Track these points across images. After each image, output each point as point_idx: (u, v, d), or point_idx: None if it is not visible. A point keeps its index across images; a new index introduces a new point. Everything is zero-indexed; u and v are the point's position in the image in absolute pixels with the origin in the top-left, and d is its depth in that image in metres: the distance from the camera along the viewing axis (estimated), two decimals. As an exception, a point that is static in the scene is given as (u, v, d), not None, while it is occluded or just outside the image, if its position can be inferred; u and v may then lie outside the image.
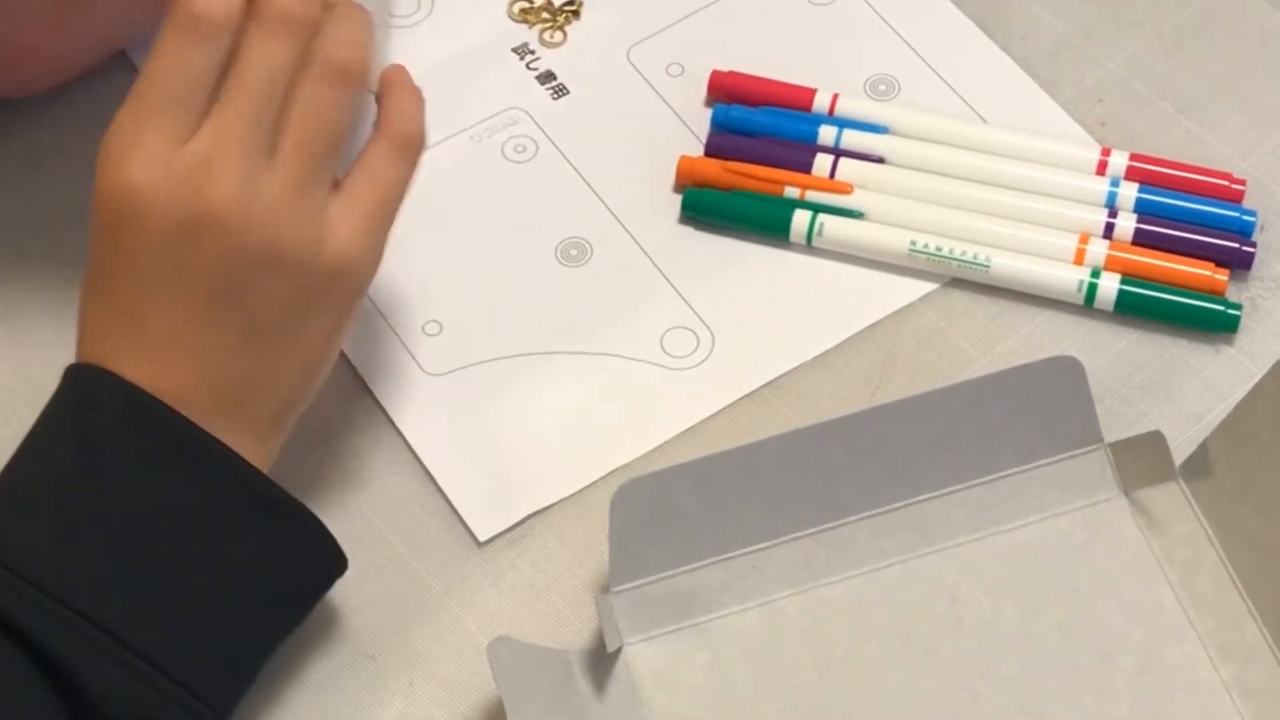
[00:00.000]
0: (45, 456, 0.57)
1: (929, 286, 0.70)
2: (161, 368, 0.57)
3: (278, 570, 0.58)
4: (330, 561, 0.60)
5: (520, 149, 0.74)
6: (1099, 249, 0.69)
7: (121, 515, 0.55)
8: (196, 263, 0.56)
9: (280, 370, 0.59)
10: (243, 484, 0.57)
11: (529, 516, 0.65)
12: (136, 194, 0.56)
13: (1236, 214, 0.70)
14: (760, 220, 0.71)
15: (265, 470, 0.59)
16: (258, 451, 0.59)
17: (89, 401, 0.57)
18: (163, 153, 0.56)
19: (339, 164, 0.59)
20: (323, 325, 0.59)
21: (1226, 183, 0.71)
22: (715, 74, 0.75)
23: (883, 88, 0.75)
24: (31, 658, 0.54)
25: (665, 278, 0.71)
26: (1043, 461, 0.64)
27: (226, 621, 0.57)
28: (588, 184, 0.73)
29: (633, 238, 0.72)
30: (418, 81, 0.63)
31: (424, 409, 0.67)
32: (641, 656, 0.61)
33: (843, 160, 0.72)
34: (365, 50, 0.59)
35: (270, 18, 0.57)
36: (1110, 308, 0.69)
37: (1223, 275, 0.69)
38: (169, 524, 0.56)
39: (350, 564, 0.64)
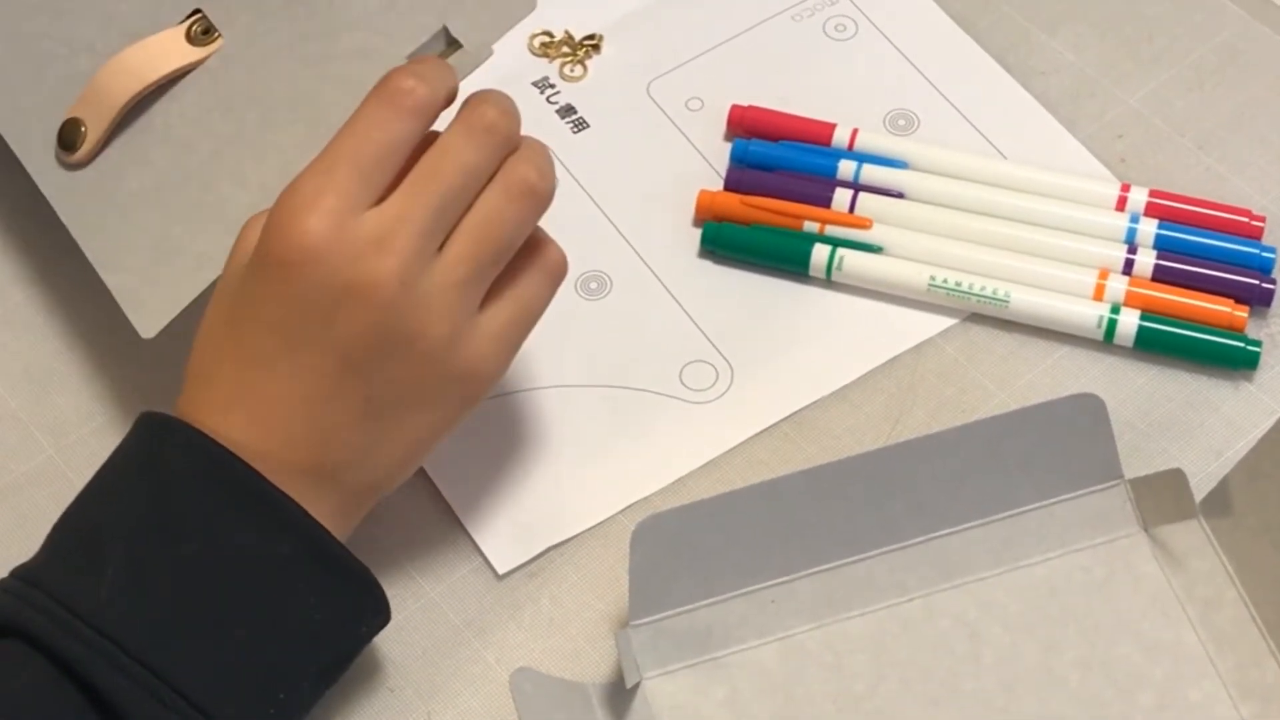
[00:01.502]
0: (116, 504, 0.57)
1: (948, 321, 0.70)
2: (264, 424, 0.57)
3: (338, 631, 0.59)
4: (380, 617, 0.61)
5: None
6: (1119, 285, 0.69)
7: (189, 567, 0.56)
8: (340, 328, 0.57)
9: (380, 452, 0.59)
10: (313, 544, 0.58)
11: (548, 549, 0.65)
12: (309, 245, 0.56)
13: (1256, 250, 0.70)
14: (779, 254, 0.71)
15: (341, 538, 0.59)
16: (337, 525, 0.59)
17: (161, 454, 0.57)
18: (343, 214, 0.56)
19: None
20: (432, 420, 0.60)
21: (1246, 219, 0.71)
22: (735, 108, 0.75)
23: (902, 123, 0.75)
24: (91, 703, 0.54)
25: (685, 311, 0.71)
26: (1063, 497, 0.64)
27: (286, 677, 0.57)
28: (607, 217, 0.73)
29: (652, 271, 0.72)
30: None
31: (443, 442, 0.67)
32: (660, 691, 0.61)
33: (862, 195, 0.72)
34: (553, 180, 0.60)
35: (476, 124, 0.58)
36: (1130, 344, 0.69)
37: (1242, 312, 0.69)
38: (236, 580, 0.56)
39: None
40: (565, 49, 0.78)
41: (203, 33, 0.65)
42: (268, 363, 0.57)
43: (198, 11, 0.66)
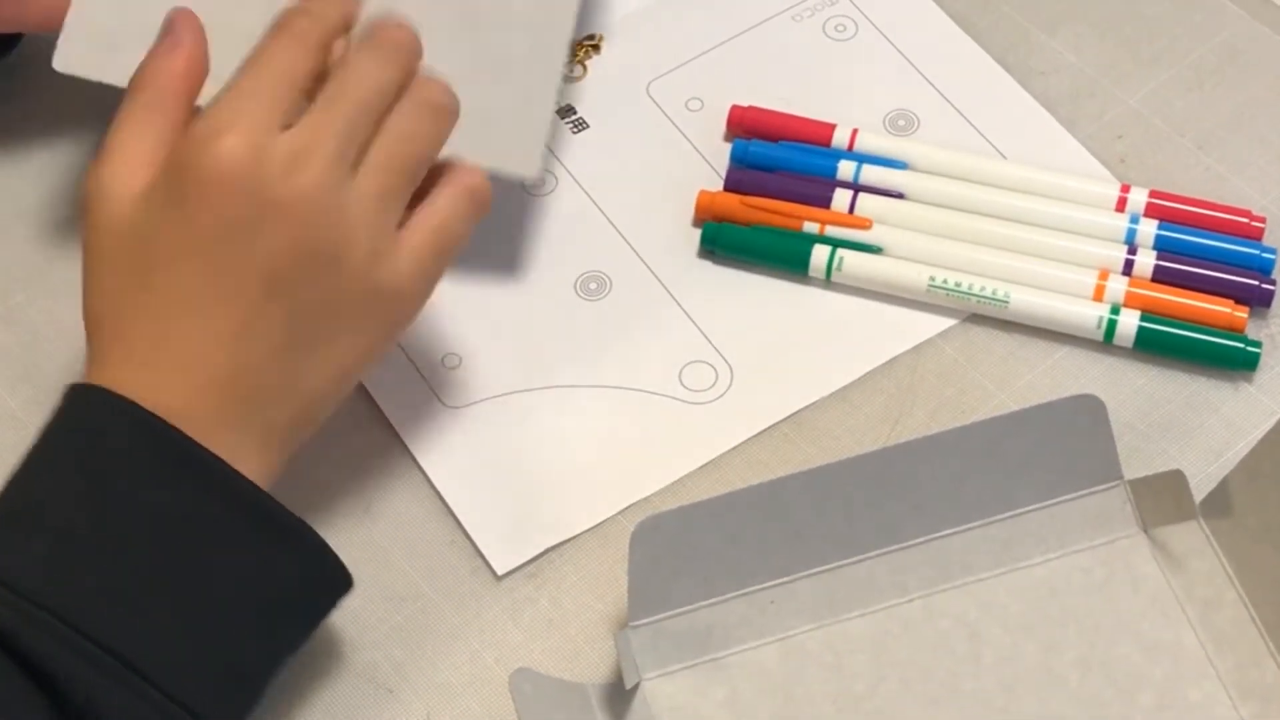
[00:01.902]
0: (46, 477, 0.57)
1: (948, 322, 0.70)
2: (186, 371, 0.57)
3: (279, 587, 0.58)
4: (334, 579, 0.60)
5: (540, 182, 0.74)
6: (1118, 285, 0.69)
7: (121, 534, 0.55)
8: (261, 248, 0.57)
9: (303, 381, 0.59)
10: (243, 502, 0.57)
11: (547, 550, 0.65)
12: (226, 167, 0.56)
13: (1256, 251, 0.70)
14: (779, 255, 0.71)
15: (269, 482, 0.59)
16: (263, 464, 0.59)
17: (91, 424, 0.57)
18: (258, 135, 0.57)
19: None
20: (356, 344, 0.60)
21: (1246, 220, 0.71)
22: (734, 109, 0.75)
23: (902, 123, 0.75)
24: (28, 674, 0.53)
25: (684, 312, 0.71)
26: (1063, 498, 0.64)
27: (227, 638, 0.57)
28: (607, 218, 0.73)
29: (652, 272, 0.72)
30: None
31: (443, 442, 0.67)
32: (660, 691, 0.61)
33: (862, 195, 0.72)
34: (457, 100, 0.61)
35: (383, 41, 0.60)
36: (1130, 344, 0.69)
37: (1242, 312, 0.69)
38: (169, 541, 0.56)
39: (368, 596, 0.64)
40: (565, 49, 0.77)
41: None
42: (186, 300, 0.57)
43: None
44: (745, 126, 0.75)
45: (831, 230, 0.71)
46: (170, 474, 0.56)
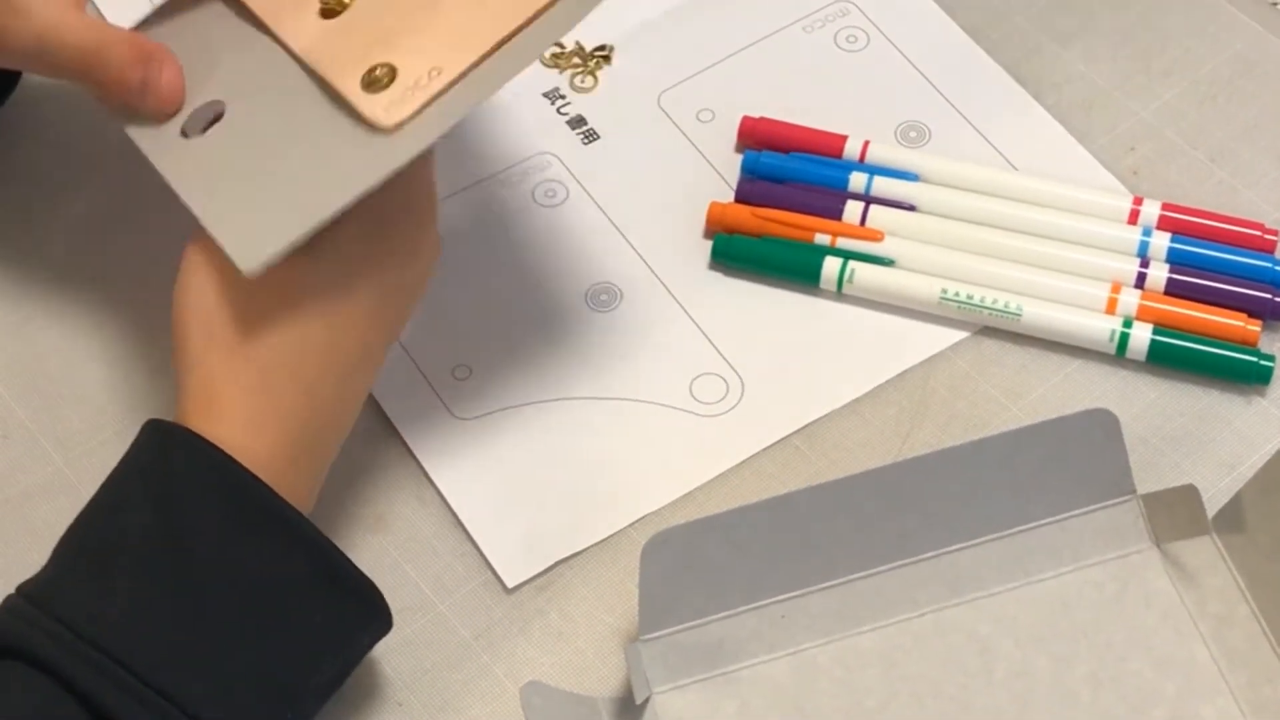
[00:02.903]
0: (122, 519, 0.57)
1: (960, 334, 0.70)
2: (270, 419, 0.58)
3: (342, 643, 0.59)
4: (383, 626, 0.61)
5: (550, 194, 0.74)
6: (1131, 299, 0.69)
7: (198, 589, 0.56)
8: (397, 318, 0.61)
9: (348, 413, 0.61)
10: (320, 560, 0.58)
11: (557, 563, 0.65)
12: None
13: (1269, 264, 0.70)
14: (790, 267, 0.71)
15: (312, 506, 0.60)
16: (314, 492, 0.60)
17: (167, 466, 0.57)
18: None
19: None
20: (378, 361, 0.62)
21: (1259, 233, 0.71)
22: (745, 120, 0.75)
23: (914, 134, 0.75)
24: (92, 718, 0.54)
25: (695, 323, 0.71)
26: (1075, 512, 0.64)
27: (290, 695, 0.57)
28: (618, 229, 0.73)
29: (662, 283, 0.72)
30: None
31: (453, 454, 0.67)
32: (670, 705, 0.61)
33: (873, 207, 0.72)
34: None
35: None
36: (1142, 358, 0.69)
37: (1255, 326, 0.69)
38: (244, 599, 0.56)
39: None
40: (576, 60, 0.77)
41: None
42: (319, 365, 0.59)
43: None
44: (756, 138, 0.75)
45: (843, 242, 0.71)
46: (254, 529, 0.57)
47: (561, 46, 0.78)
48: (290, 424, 0.58)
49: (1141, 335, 0.68)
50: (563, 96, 0.76)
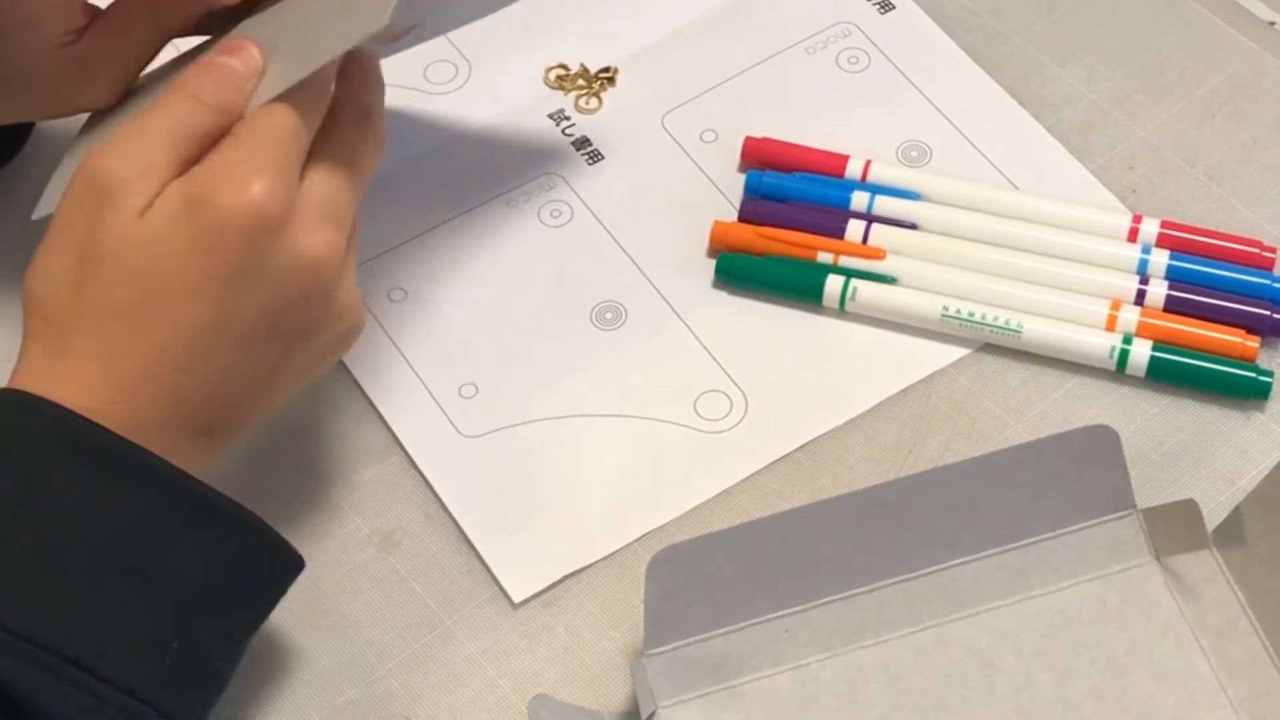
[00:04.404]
0: None
1: (961, 351, 0.71)
2: (132, 383, 0.57)
3: (224, 573, 0.58)
4: (281, 560, 0.60)
5: (556, 213, 0.74)
6: (1130, 315, 0.70)
7: (60, 539, 0.55)
8: (265, 297, 0.58)
9: (256, 404, 0.60)
10: (173, 490, 0.57)
11: (564, 578, 0.66)
12: (252, 215, 0.57)
13: (1268, 281, 0.71)
14: (793, 285, 0.72)
15: (210, 465, 0.59)
16: (208, 451, 0.59)
17: (11, 428, 0.57)
18: (288, 189, 0.58)
19: None
20: (307, 368, 0.61)
21: (1257, 250, 0.72)
22: (748, 140, 0.75)
23: (915, 154, 0.76)
24: None
25: (699, 341, 0.71)
26: (1076, 527, 0.64)
27: (178, 630, 0.57)
28: (622, 248, 0.74)
29: (667, 302, 0.72)
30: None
31: (460, 471, 0.68)
32: (675, 719, 0.61)
33: (875, 226, 0.72)
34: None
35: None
36: (1142, 374, 0.69)
37: (1254, 342, 0.69)
38: (102, 537, 0.56)
39: (386, 624, 0.64)
40: (580, 82, 0.78)
41: None
42: (176, 333, 0.57)
43: None
44: (759, 158, 0.75)
45: (845, 260, 0.72)
46: (99, 472, 0.56)
47: (566, 69, 0.78)
48: (107, 379, 0.57)
49: (1141, 352, 0.69)
50: (567, 118, 0.77)
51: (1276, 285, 0.71)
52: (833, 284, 0.71)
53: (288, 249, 0.57)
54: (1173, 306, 0.70)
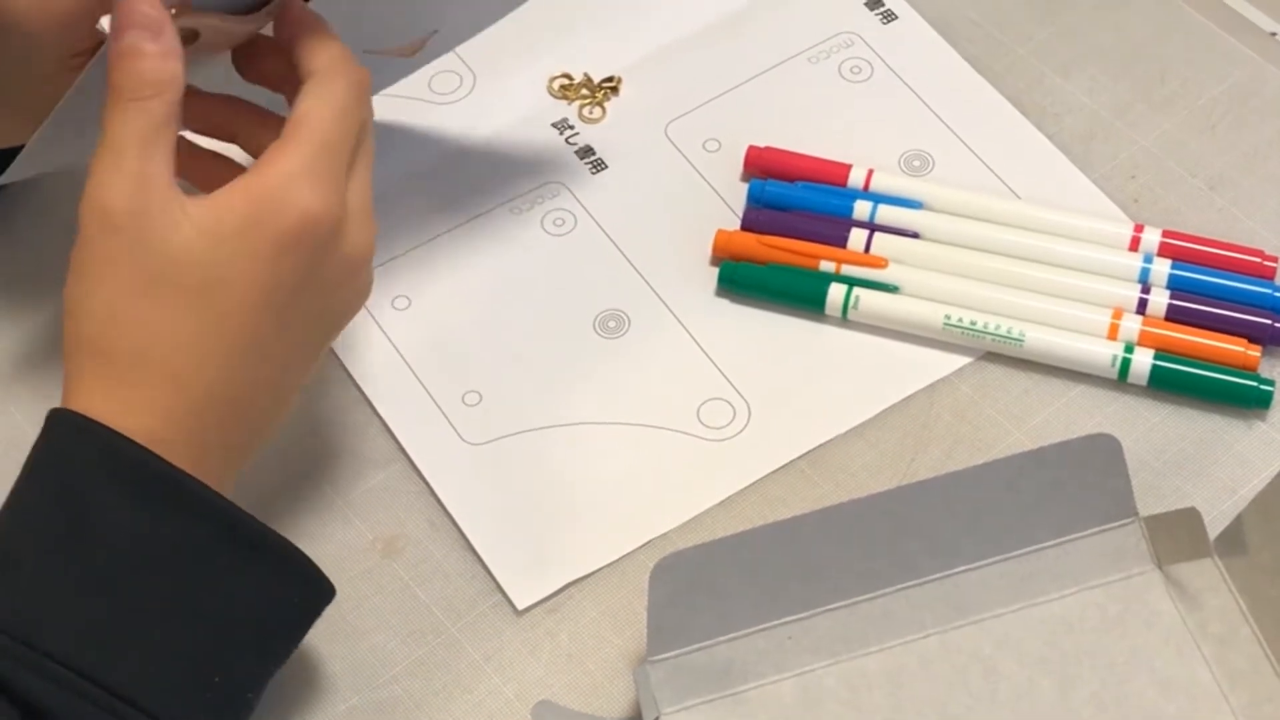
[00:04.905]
0: (25, 509, 0.57)
1: (963, 360, 0.71)
2: (169, 393, 0.57)
3: (266, 605, 0.59)
4: (318, 590, 0.60)
5: (559, 222, 0.75)
6: (1132, 324, 0.70)
7: (102, 565, 0.55)
8: (324, 303, 0.60)
9: (283, 403, 0.61)
10: (226, 524, 0.57)
11: (567, 585, 0.66)
12: (309, 223, 0.58)
13: (1269, 290, 0.71)
14: (796, 294, 0.72)
15: (233, 483, 0.59)
16: (227, 479, 0.59)
17: (64, 452, 0.57)
18: (338, 193, 0.59)
19: None
20: (318, 359, 0.62)
21: (1259, 259, 0.72)
22: (751, 149, 0.76)
23: (917, 163, 0.76)
24: (16, 709, 0.54)
25: (702, 350, 0.71)
26: (1078, 535, 0.64)
27: (216, 660, 0.57)
28: (625, 257, 0.74)
29: (670, 310, 0.72)
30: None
31: (464, 478, 0.68)
32: (679, 726, 0.62)
33: (878, 235, 0.73)
34: None
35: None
36: (1144, 383, 0.69)
37: (1255, 351, 0.70)
38: (151, 569, 0.56)
39: (390, 631, 0.64)
40: (584, 91, 0.78)
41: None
42: (226, 341, 0.57)
43: None
44: (762, 167, 0.75)
45: (847, 269, 0.72)
46: (149, 501, 0.56)
47: (570, 78, 0.79)
48: (166, 408, 0.57)
49: (1143, 360, 0.69)
50: (571, 127, 0.77)
51: (1278, 295, 0.71)
52: (835, 293, 0.71)
53: (343, 252, 0.59)
54: (1174, 315, 0.71)
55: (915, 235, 0.73)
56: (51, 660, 0.54)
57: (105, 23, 0.58)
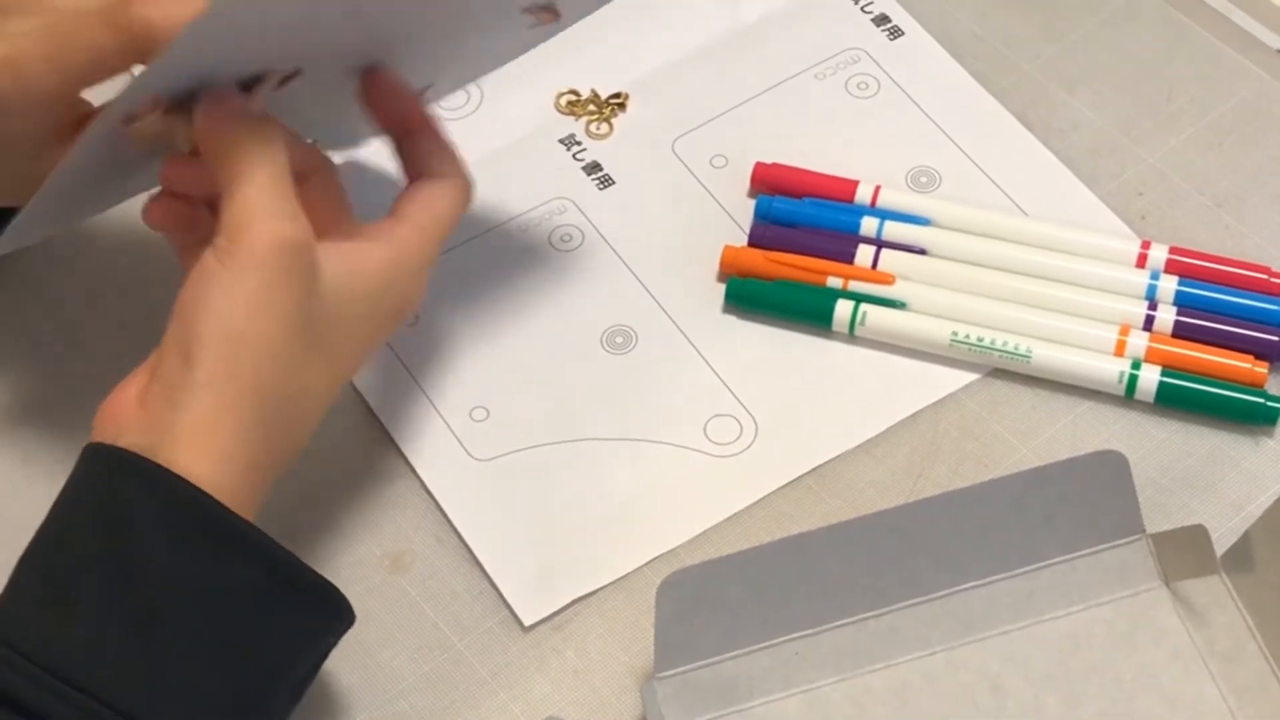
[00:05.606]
0: (73, 548, 0.57)
1: (970, 376, 0.71)
2: (229, 439, 0.58)
3: (305, 645, 0.59)
4: (346, 622, 0.61)
5: (566, 238, 0.75)
6: (1139, 341, 0.70)
7: (153, 610, 0.56)
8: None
9: (309, 427, 0.62)
10: (275, 567, 0.58)
11: (574, 601, 0.66)
12: (421, 282, 0.65)
13: (1276, 307, 0.71)
14: (803, 310, 0.72)
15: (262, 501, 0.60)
16: (257, 504, 0.60)
17: (116, 490, 0.57)
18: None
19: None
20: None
21: (1266, 276, 0.72)
22: (758, 165, 0.76)
23: (924, 180, 0.76)
24: None
25: (709, 366, 0.71)
26: (1085, 552, 0.64)
27: (256, 700, 0.57)
28: (633, 273, 0.74)
29: (677, 326, 0.72)
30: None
31: (471, 494, 0.68)
32: (685, 743, 0.62)
33: (885, 251, 0.73)
34: None
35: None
36: (1151, 399, 0.69)
37: (1262, 368, 0.70)
38: (203, 612, 0.56)
39: (397, 647, 0.65)
40: (591, 107, 0.79)
41: None
42: (306, 388, 0.60)
43: None
44: (769, 183, 0.76)
45: (855, 285, 0.72)
46: (204, 543, 0.57)
47: (577, 95, 0.79)
48: (245, 449, 0.58)
49: (1150, 377, 0.69)
50: (578, 143, 0.78)
51: (1285, 311, 0.71)
52: (842, 309, 0.71)
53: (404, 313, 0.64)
54: (1181, 332, 0.71)
55: (922, 252, 0.73)
56: (106, 707, 0.54)
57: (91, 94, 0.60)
